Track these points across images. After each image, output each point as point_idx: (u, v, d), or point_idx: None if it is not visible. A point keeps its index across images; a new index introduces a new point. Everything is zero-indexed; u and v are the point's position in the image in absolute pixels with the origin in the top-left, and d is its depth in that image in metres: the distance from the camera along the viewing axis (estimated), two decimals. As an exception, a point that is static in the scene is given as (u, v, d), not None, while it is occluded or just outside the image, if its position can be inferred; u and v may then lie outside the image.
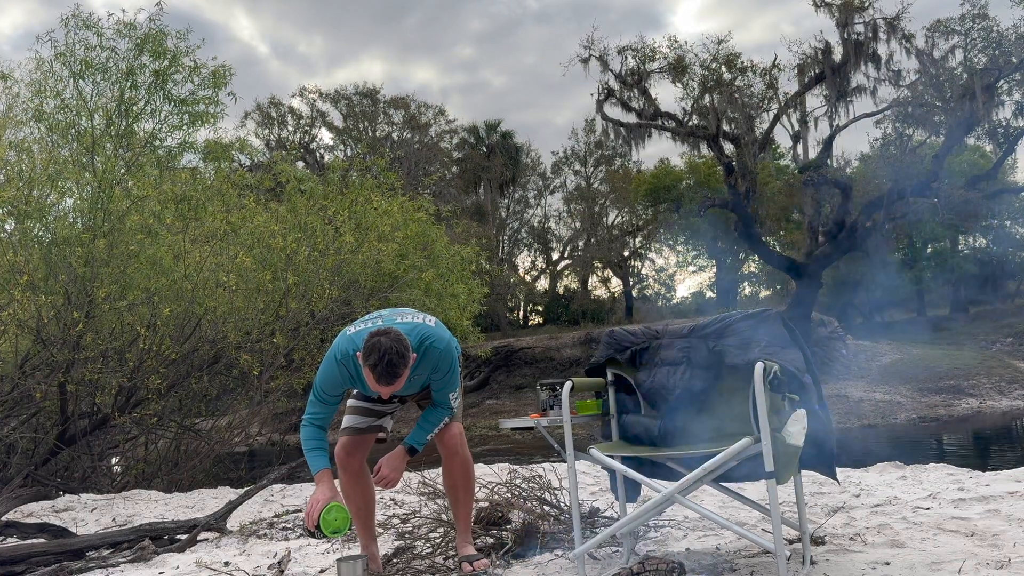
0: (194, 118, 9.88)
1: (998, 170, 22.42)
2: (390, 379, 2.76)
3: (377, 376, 2.76)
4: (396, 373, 2.76)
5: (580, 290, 38.59)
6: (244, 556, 3.82)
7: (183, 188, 9.25)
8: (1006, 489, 3.88)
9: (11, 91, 9.85)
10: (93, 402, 8.44)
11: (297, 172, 14.26)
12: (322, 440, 3.03)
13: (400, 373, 2.77)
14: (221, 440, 9.79)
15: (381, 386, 2.80)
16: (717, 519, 2.62)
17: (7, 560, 3.91)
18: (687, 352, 2.97)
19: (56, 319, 7.89)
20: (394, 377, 2.76)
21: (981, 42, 19.87)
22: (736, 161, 21.87)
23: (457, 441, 3.18)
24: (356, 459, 3.21)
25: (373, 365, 2.75)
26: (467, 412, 22.59)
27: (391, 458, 3.07)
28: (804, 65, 21.21)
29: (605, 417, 3.15)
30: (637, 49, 22.19)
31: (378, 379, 2.76)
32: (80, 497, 6.96)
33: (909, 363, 20.64)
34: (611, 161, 36.60)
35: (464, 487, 3.20)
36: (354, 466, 3.21)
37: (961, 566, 2.64)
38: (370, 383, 2.82)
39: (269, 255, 9.66)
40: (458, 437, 3.19)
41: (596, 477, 5.29)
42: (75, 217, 9.21)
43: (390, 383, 2.77)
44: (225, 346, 8.93)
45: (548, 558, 3.17)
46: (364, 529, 3.28)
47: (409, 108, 34.39)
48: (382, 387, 2.80)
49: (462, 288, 13.88)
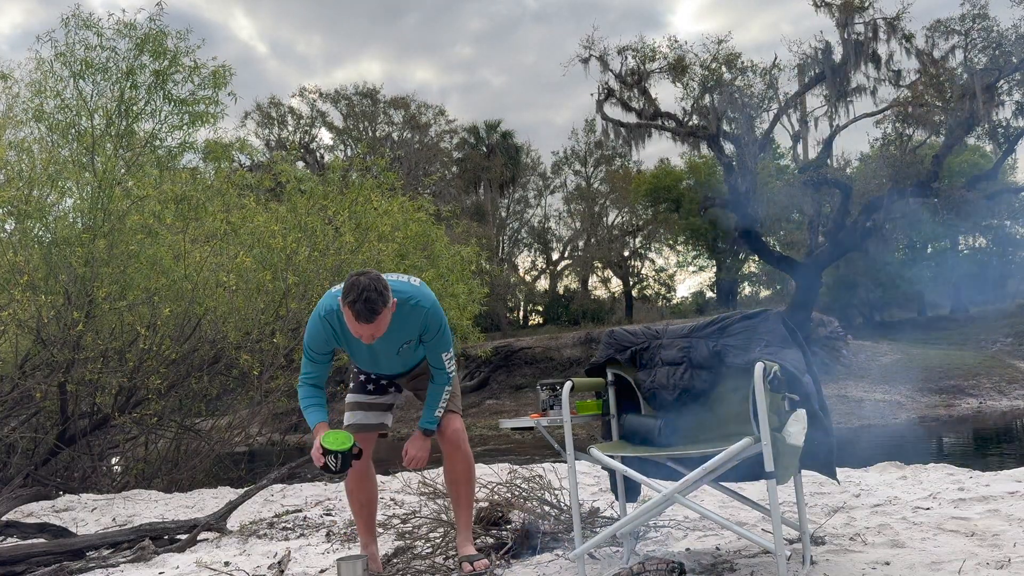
0: (194, 118, 9.88)
1: (998, 170, 22.42)
2: (369, 315, 2.72)
3: (356, 313, 2.72)
4: (375, 310, 2.72)
5: (580, 290, 38.60)
6: (244, 556, 3.82)
7: (183, 188, 9.25)
8: (1006, 489, 3.88)
9: (11, 91, 9.86)
10: (93, 402, 8.44)
11: (297, 172, 14.26)
12: (319, 397, 3.06)
13: (379, 311, 2.73)
14: (221, 440, 9.78)
15: (361, 325, 2.75)
16: (717, 519, 2.62)
17: (7, 560, 3.91)
18: (687, 352, 2.98)
19: (56, 319, 7.89)
20: (373, 314, 2.72)
21: (981, 42, 19.86)
22: (736, 161, 21.86)
23: (460, 436, 3.21)
24: (362, 458, 3.22)
25: (352, 302, 2.72)
26: (467, 412, 22.58)
27: (413, 441, 3.14)
28: (804, 65, 21.21)
29: (605, 417, 3.15)
30: (637, 49, 22.21)
31: (357, 316, 2.72)
32: (80, 497, 6.96)
33: (909, 363, 20.65)
34: (611, 161, 36.63)
35: (466, 482, 3.21)
36: (360, 464, 3.21)
37: (961, 566, 2.64)
38: (351, 326, 2.79)
39: (269, 255, 9.65)
40: (460, 432, 3.22)
41: (596, 477, 5.29)
42: (75, 217, 9.21)
43: (369, 320, 2.73)
44: (225, 346, 8.93)
45: (548, 558, 3.17)
46: (365, 529, 3.28)
47: (409, 108, 34.41)
48: (362, 327, 2.75)
49: (462, 288, 13.88)
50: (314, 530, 4.35)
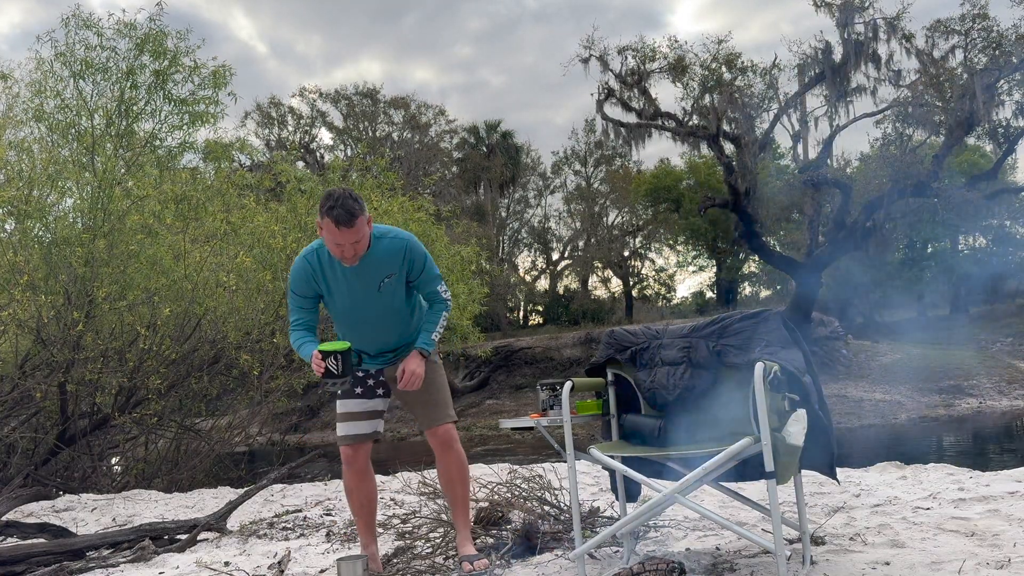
0: (194, 118, 9.89)
1: (998, 170, 22.41)
2: (348, 218, 2.79)
3: (336, 219, 2.78)
4: (352, 212, 2.79)
5: (580, 290, 38.59)
6: (244, 556, 3.82)
7: (183, 188, 9.25)
8: (1006, 489, 3.88)
9: (11, 91, 9.86)
10: (93, 402, 8.44)
11: (297, 172, 14.24)
12: (310, 335, 3.07)
13: (356, 214, 2.80)
14: (221, 440, 9.79)
15: (343, 232, 2.80)
16: (717, 519, 2.62)
17: (7, 560, 3.91)
18: (687, 352, 2.98)
19: (56, 319, 7.89)
20: (351, 216, 2.79)
21: (981, 42, 19.85)
22: (736, 161, 21.85)
23: (451, 436, 3.19)
24: (361, 458, 3.23)
25: (330, 208, 2.79)
26: (467, 412, 22.56)
27: (410, 360, 3.09)
28: (804, 65, 21.20)
29: (605, 417, 3.15)
30: (637, 49, 22.19)
31: (337, 221, 2.79)
32: (80, 497, 6.96)
33: (909, 363, 20.64)
34: (611, 161, 36.60)
35: (461, 482, 3.21)
36: (359, 464, 3.23)
37: (961, 566, 2.64)
38: (332, 239, 2.84)
39: (269, 255, 9.65)
40: (451, 433, 3.20)
41: (596, 477, 5.29)
42: (75, 217, 9.21)
43: (349, 224, 2.79)
44: (225, 346, 8.93)
45: (548, 558, 3.17)
46: (365, 529, 3.28)
47: (409, 108, 34.40)
48: (344, 233, 2.80)
49: (462, 288, 13.89)
50: (314, 530, 4.35)
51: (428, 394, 3.19)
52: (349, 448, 3.20)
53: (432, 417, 3.18)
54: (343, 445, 3.22)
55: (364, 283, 3.02)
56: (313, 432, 21.19)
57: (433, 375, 3.22)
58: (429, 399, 3.19)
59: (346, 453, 3.21)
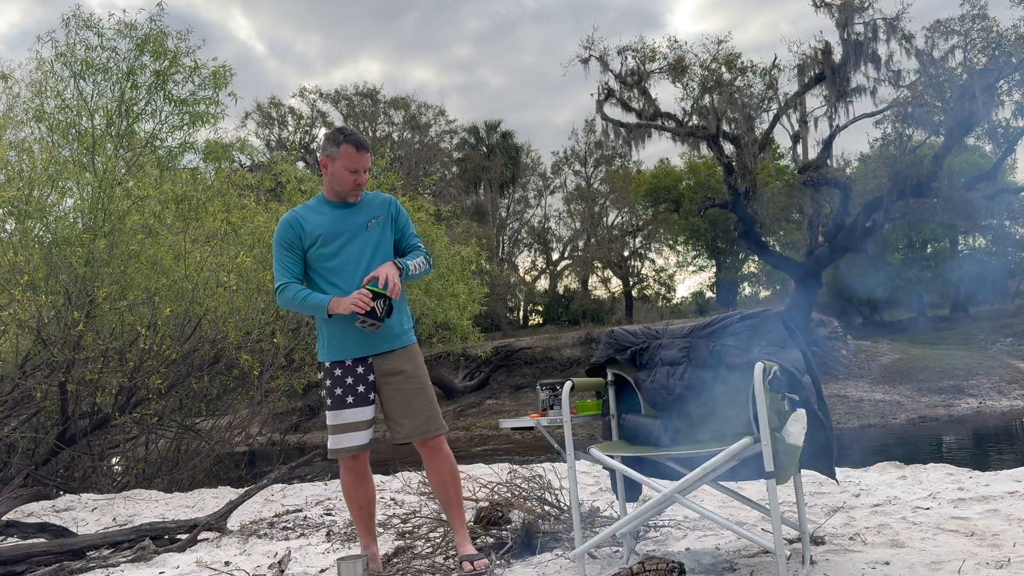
0: (194, 118, 9.89)
1: (998, 170, 22.41)
2: (365, 143, 3.14)
3: (357, 142, 3.11)
4: (366, 143, 3.14)
5: (580, 290, 38.59)
6: (244, 556, 3.83)
7: (184, 188, 9.26)
8: (1006, 489, 3.89)
9: (11, 91, 9.86)
10: (93, 402, 8.44)
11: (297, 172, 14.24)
12: (305, 289, 3.13)
13: (368, 145, 3.16)
14: (221, 440, 9.79)
15: (361, 154, 3.10)
16: (717, 519, 2.63)
17: (7, 560, 3.91)
18: (687, 352, 2.98)
19: (56, 319, 7.90)
20: (366, 142, 3.15)
21: (981, 42, 19.85)
22: (736, 161, 21.87)
23: (439, 441, 3.17)
24: (360, 461, 3.22)
25: (347, 135, 3.13)
26: (467, 412, 22.57)
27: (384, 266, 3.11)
28: (804, 65, 21.21)
29: (605, 417, 3.15)
30: (637, 49, 22.21)
31: (358, 145, 3.10)
32: (80, 497, 6.96)
33: (909, 363, 20.64)
34: (611, 161, 36.63)
35: (453, 482, 3.20)
36: (358, 467, 3.22)
37: (961, 566, 2.65)
38: (348, 162, 3.10)
39: (269, 255, 9.65)
40: (440, 440, 3.18)
41: (596, 477, 5.29)
42: (75, 217, 9.21)
43: (366, 148, 3.12)
44: (225, 346, 8.93)
45: (548, 558, 3.17)
46: (364, 530, 3.28)
47: (409, 108, 34.42)
48: (362, 155, 3.10)
49: (462, 288, 13.89)
50: (314, 530, 4.36)
51: (419, 402, 3.13)
52: (350, 457, 3.18)
53: (424, 429, 3.12)
54: (342, 458, 3.17)
55: (353, 224, 3.16)
56: (313, 432, 21.18)
57: (424, 383, 3.17)
58: (418, 408, 3.12)
59: (346, 460, 3.19)
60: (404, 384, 3.13)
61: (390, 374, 3.15)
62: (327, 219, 3.14)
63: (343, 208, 3.17)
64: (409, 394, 3.13)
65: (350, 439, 3.13)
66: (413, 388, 3.14)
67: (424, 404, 3.13)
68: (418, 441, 3.15)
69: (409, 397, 3.12)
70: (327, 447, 3.20)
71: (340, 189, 3.14)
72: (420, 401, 3.13)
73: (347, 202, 3.18)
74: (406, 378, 3.14)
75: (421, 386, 3.15)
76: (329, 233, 3.12)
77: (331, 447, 3.16)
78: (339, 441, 3.14)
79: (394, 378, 3.14)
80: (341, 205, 3.18)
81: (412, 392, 3.13)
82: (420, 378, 3.17)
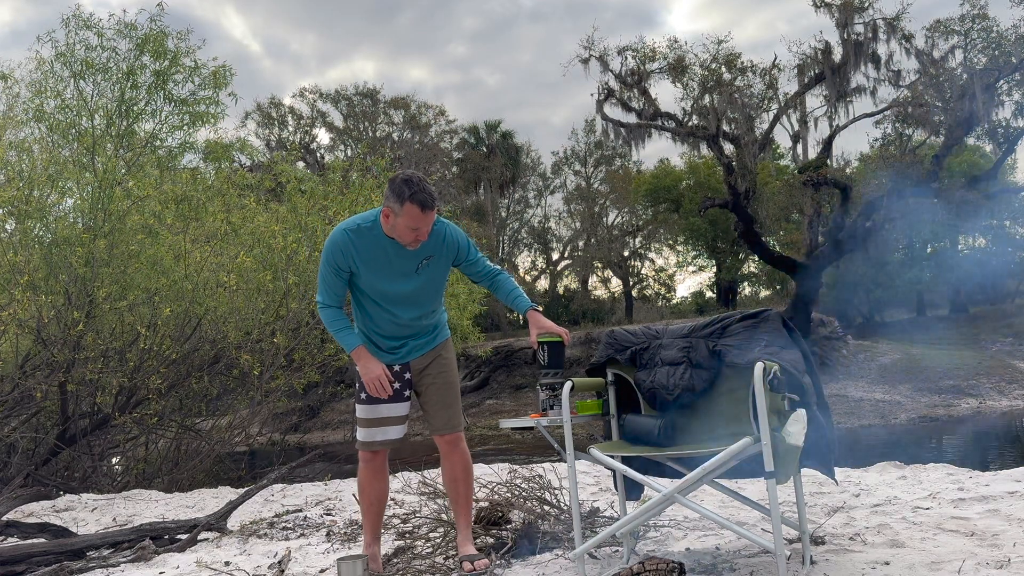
0: (194, 118, 9.91)
1: (998, 170, 22.42)
2: (432, 202, 2.86)
3: (422, 202, 2.83)
4: (434, 196, 2.88)
5: (580, 290, 38.59)
6: (244, 556, 3.83)
7: (183, 188, 9.27)
8: (1006, 489, 3.89)
9: (11, 91, 9.87)
10: (93, 402, 8.44)
11: (297, 172, 14.28)
12: (344, 319, 3.09)
13: (436, 197, 2.89)
14: (221, 440, 9.78)
15: (427, 214, 2.85)
16: (717, 519, 2.63)
17: (7, 560, 3.91)
18: (687, 352, 2.98)
19: (56, 319, 7.90)
20: (434, 200, 2.87)
21: (981, 42, 19.86)
22: (736, 161, 21.85)
23: (458, 436, 3.23)
24: (380, 456, 3.24)
25: (413, 193, 2.83)
26: (467, 412, 22.58)
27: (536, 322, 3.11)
28: (804, 65, 21.20)
29: (605, 417, 3.15)
30: (637, 49, 22.19)
31: (423, 205, 2.84)
32: (80, 497, 6.96)
33: (909, 363, 20.64)
34: (611, 161, 36.61)
35: (464, 480, 3.23)
36: (377, 462, 3.24)
37: (961, 566, 2.65)
38: (411, 221, 2.86)
39: (269, 255, 9.66)
40: (458, 433, 3.24)
41: (596, 477, 5.29)
42: (75, 217, 9.22)
43: (433, 207, 2.87)
44: (225, 346, 8.93)
45: (548, 558, 3.17)
46: (370, 527, 3.28)
47: (409, 108, 34.40)
48: (427, 215, 2.86)
49: (462, 288, 13.89)
50: (314, 530, 4.35)
51: (451, 396, 3.23)
52: (370, 452, 3.20)
53: (448, 424, 3.21)
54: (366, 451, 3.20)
55: (405, 263, 3.05)
56: (313, 432, 21.17)
57: (454, 377, 3.27)
58: (450, 401, 3.22)
59: (365, 454, 3.21)
60: (439, 377, 3.22)
61: (425, 368, 3.24)
62: (381, 254, 3.03)
63: (399, 246, 3.03)
64: (443, 387, 3.22)
65: (383, 433, 3.18)
66: (445, 382, 3.22)
67: (454, 398, 3.23)
68: (440, 436, 3.21)
69: (443, 389, 3.21)
70: (356, 439, 3.25)
71: (399, 240, 2.99)
72: (452, 395, 3.23)
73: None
74: (440, 370, 3.23)
75: (454, 380, 3.25)
76: (380, 270, 3.05)
77: (362, 439, 3.19)
78: (371, 435, 3.18)
79: (431, 368, 3.22)
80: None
81: (445, 386, 3.22)
82: (453, 372, 3.27)
